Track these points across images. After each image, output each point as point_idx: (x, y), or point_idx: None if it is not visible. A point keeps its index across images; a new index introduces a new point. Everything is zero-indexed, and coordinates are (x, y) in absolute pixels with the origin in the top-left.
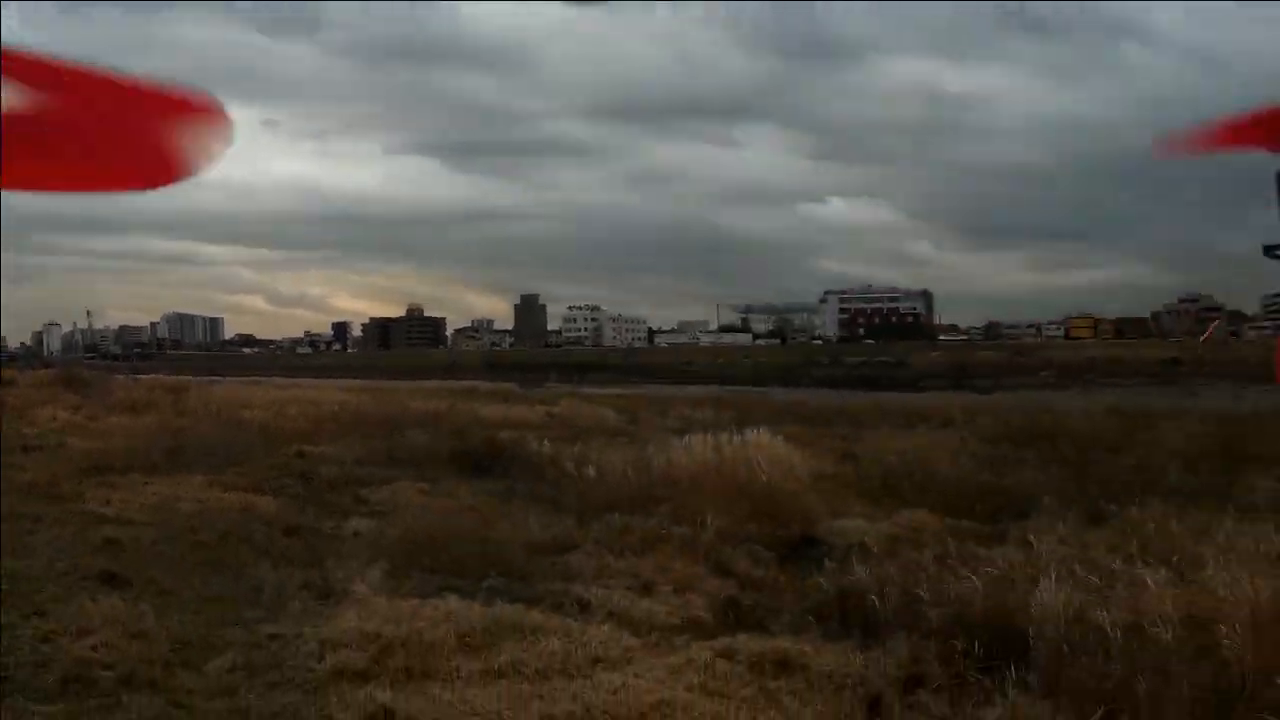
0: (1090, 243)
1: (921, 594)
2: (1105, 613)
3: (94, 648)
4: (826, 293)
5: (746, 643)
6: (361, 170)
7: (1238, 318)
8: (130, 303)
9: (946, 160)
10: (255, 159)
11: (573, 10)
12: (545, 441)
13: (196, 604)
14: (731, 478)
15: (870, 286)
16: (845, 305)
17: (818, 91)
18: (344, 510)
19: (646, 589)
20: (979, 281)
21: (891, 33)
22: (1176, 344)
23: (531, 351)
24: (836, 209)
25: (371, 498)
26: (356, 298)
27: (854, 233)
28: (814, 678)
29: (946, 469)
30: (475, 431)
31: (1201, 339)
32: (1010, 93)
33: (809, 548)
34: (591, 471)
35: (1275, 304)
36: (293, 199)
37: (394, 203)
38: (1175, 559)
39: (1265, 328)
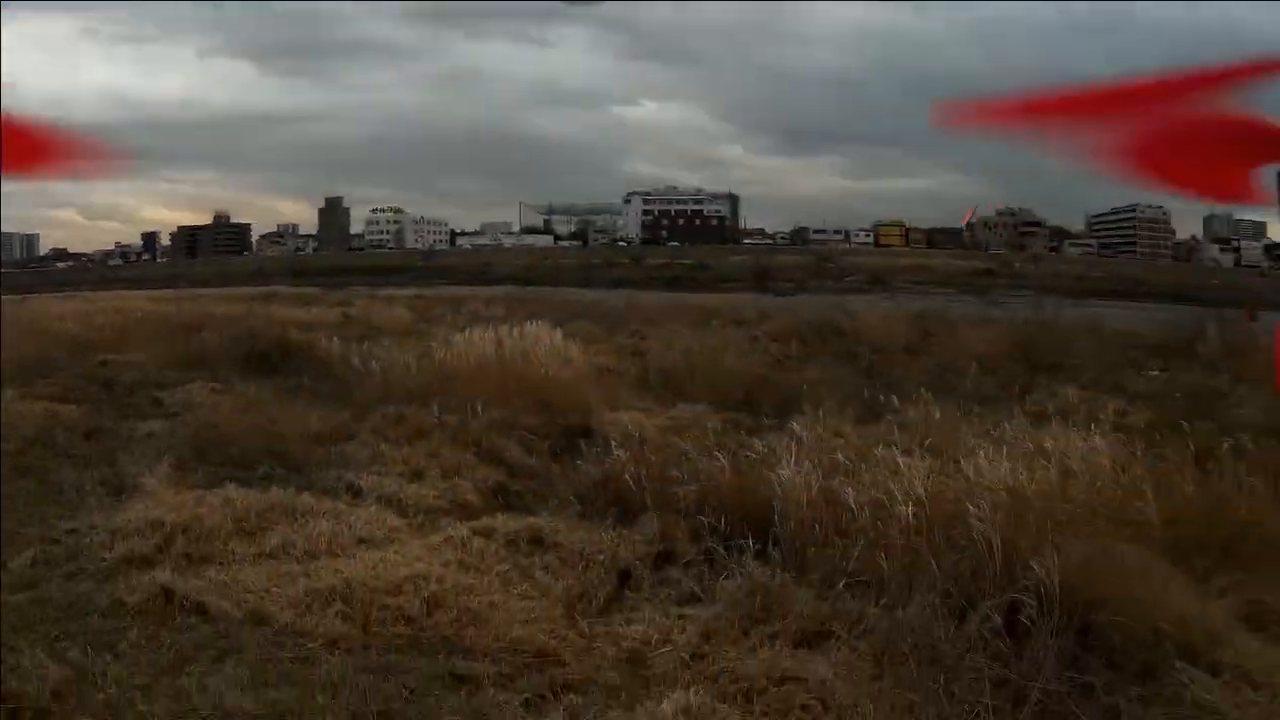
0: (904, 151)
1: (680, 475)
2: (853, 491)
3: None
4: (630, 194)
5: (505, 522)
6: (174, 75)
7: (1060, 234)
8: None
9: (761, 64)
10: (74, 69)
11: None
12: (335, 340)
13: (6, 506)
14: (509, 370)
15: (675, 188)
16: (649, 207)
17: None
18: (141, 413)
19: (417, 475)
20: (789, 187)
21: None
22: (991, 256)
23: (335, 255)
24: (648, 111)
25: (167, 400)
26: (167, 207)
27: (664, 135)
28: (566, 554)
29: (731, 365)
30: (269, 333)
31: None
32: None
33: (583, 439)
34: (375, 366)
35: (1099, 223)
36: (108, 107)
37: (204, 107)
38: (946, 452)
39: (1090, 245)
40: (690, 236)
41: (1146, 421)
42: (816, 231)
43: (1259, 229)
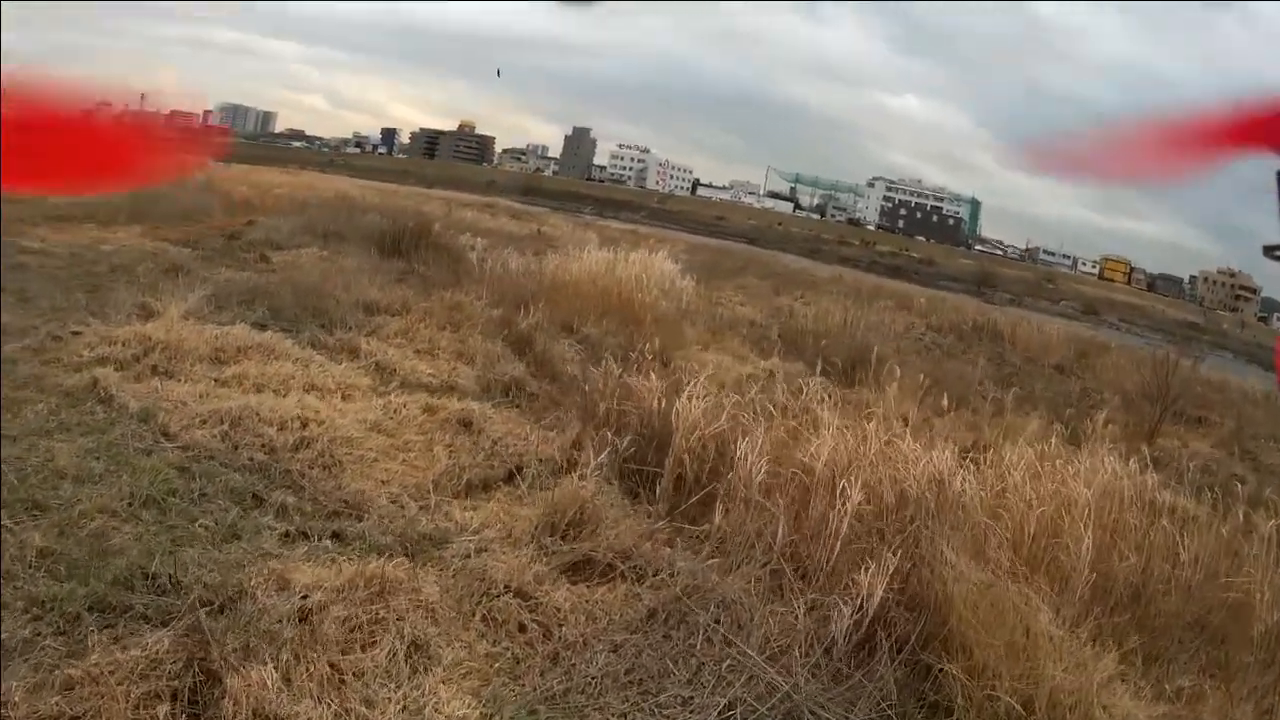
0: (1142, 193)
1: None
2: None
3: None
4: (875, 178)
5: (452, 402)
6: None
7: (1272, 305)
8: (188, 90)
9: (1026, 80)
10: None
11: None
12: (479, 240)
13: (50, 311)
14: (609, 290)
15: (920, 182)
16: (890, 195)
17: None
18: (241, 263)
19: (429, 353)
20: (1030, 204)
21: None
22: (1204, 312)
23: (573, 182)
24: (909, 104)
25: (275, 258)
26: (412, 107)
27: (920, 130)
28: (482, 439)
29: (857, 340)
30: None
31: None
32: (1098, 30)
33: (661, 367)
34: (491, 266)
35: None
36: (362, 4)
37: (467, 19)
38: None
39: None
40: (926, 232)
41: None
42: (1047, 253)
43: None
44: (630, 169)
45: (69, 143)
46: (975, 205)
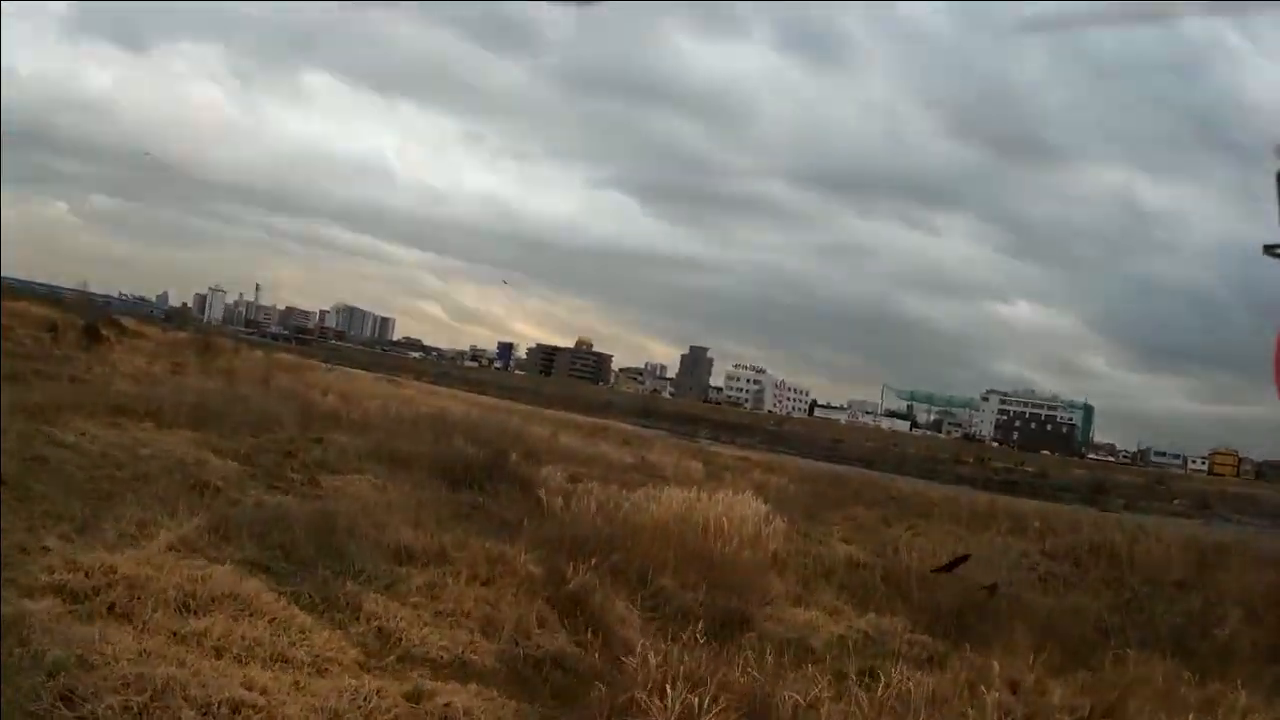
0: (1250, 377)
1: None
2: None
3: None
4: (989, 391)
5: (451, 692)
6: (558, 197)
7: None
8: (304, 287)
9: (1131, 274)
10: (453, 170)
11: (784, 60)
12: (558, 473)
13: (41, 518)
14: (685, 537)
15: (1033, 392)
16: (1005, 407)
17: (1018, 187)
18: (286, 485)
19: (448, 616)
20: (1140, 402)
21: (1094, 140)
22: None
23: (689, 403)
24: (1020, 310)
25: (325, 482)
26: (531, 322)
27: (1031, 336)
28: None
29: (969, 579)
30: (495, 452)
31: None
32: (1201, 212)
33: (740, 628)
34: (561, 505)
35: None
36: (486, 214)
37: (585, 235)
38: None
39: None
40: (1039, 441)
41: None
42: (1158, 453)
43: None
44: (747, 390)
45: None
46: (1088, 411)
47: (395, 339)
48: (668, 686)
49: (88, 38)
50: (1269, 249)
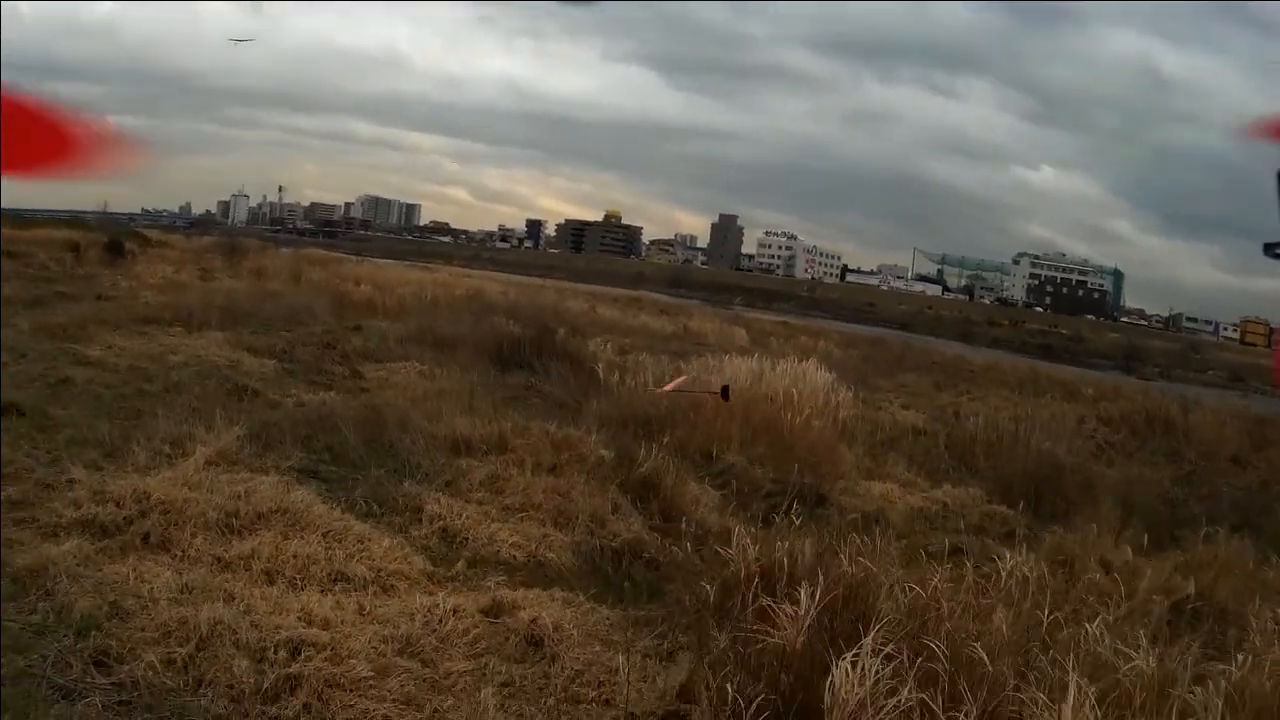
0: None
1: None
2: None
3: None
4: (1019, 255)
5: (529, 600)
6: (576, 74)
7: None
8: (326, 183)
9: (1154, 142)
10: (467, 53)
11: None
12: (607, 346)
13: (67, 446)
14: (753, 409)
15: (1064, 255)
16: (1036, 271)
17: (1039, 53)
18: (328, 380)
19: (517, 511)
20: (1169, 270)
21: (1114, 4)
22: None
23: (720, 272)
24: (1046, 176)
25: (369, 374)
26: (558, 199)
27: (1058, 201)
28: (555, 674)
29: (1036, 447)
30: (538, 328)
31: None
32: (1221, 84)
33: (817, 506)
34: (618, 380)
35: None
36: (504, 96)
37: (606, 110)
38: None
39: None
40: (1071, 305)
41: None
42: (1189, 319)
43: None
44: (779, 257)
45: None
46: (1118, 276)
47: (422, 225)
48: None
49: None
50: (1269, 248)
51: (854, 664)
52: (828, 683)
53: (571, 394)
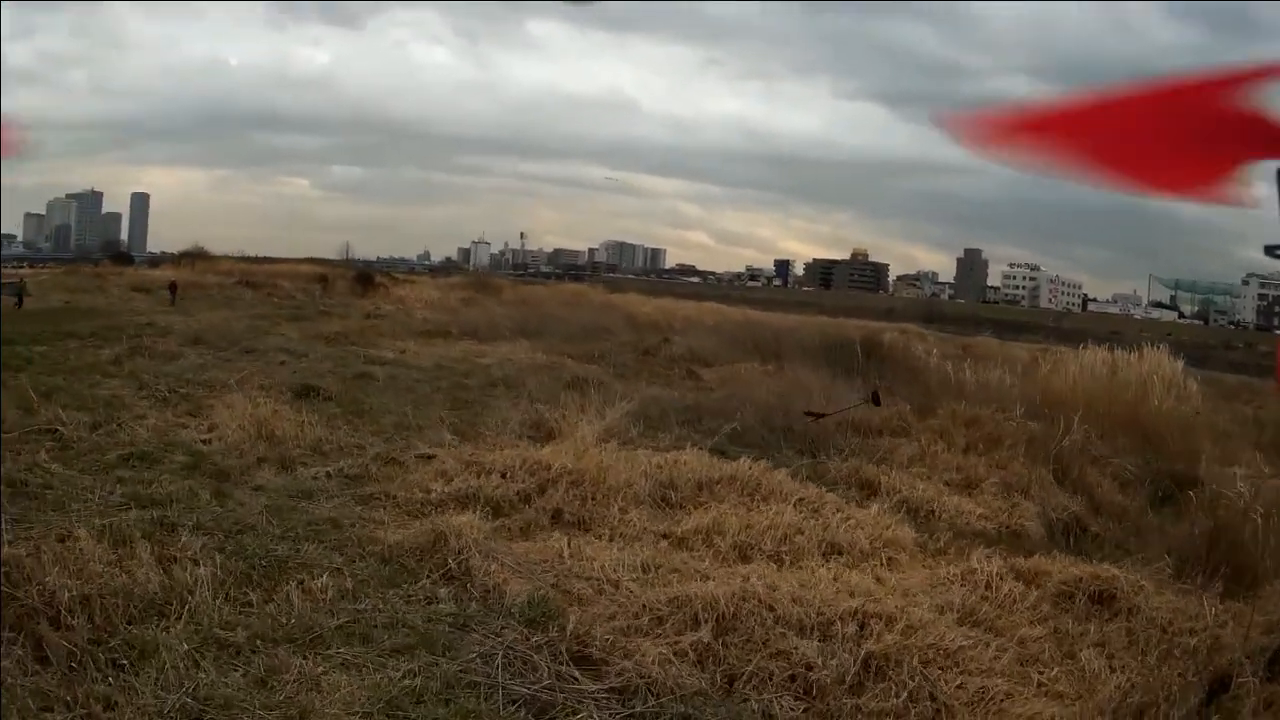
0: None
1: None
2: None
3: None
4: (1248, 276)
5: (1064, 566)
6: (808, 113)
7: None
8: (564, 228)
9: None
10: (696, 96)
11: None
12: (934, 352)
13: (392, 430)
14: (1115, 397)
15: None
16: (1264, 292)
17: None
18: (664, 379)
19: (968, 485)
20: None
21: None
22: None
23: (968, 305)
24: (1258, 193)
25: (705, 374)
26: (799, 239)
27: (1271, 221)
28: (1142, 626)
29: None
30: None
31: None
32: None
33: (1190, 489)
34: (968, 375)
35: None
36: (732, 136)
37: (837, 148)
38: None
39: None
40: None
41: None
42: None
43: None
44: (1023, 288)
45: None
46: None
47: (667, 267)
48: None
49: (295, 25)
50: (1269, 249)
51: None
52: None
53: (918, 393)
